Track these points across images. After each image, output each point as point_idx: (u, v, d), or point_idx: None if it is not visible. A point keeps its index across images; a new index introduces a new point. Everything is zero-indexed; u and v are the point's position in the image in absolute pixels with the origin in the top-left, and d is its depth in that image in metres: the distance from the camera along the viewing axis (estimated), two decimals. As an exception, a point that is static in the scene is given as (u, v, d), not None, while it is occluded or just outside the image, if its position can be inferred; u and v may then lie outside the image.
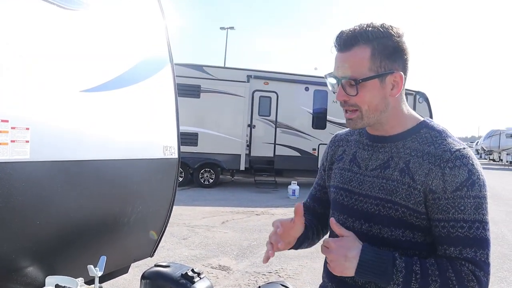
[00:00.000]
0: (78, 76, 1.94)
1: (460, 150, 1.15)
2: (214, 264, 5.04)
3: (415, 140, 1.22)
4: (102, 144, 2.06)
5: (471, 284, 1.08)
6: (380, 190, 1.21)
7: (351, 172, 1.32)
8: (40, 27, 1.78)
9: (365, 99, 1.18)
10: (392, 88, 1.19)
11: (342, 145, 1.43)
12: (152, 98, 2.49)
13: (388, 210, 1.19)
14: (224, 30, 29.70)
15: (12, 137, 1.60)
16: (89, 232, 2.06)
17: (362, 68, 1.16)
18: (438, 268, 1.09)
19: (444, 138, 1.20)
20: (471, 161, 1.14)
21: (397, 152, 1.23)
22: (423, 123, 1.26)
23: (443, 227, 1.13)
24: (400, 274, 1.08)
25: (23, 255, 1.76)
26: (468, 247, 1.10)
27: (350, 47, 1.17)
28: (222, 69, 14.30)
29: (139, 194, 2.37)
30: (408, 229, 1.18)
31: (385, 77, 1.18)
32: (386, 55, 1.17)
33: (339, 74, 1.19)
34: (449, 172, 1.12)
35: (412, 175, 1.17)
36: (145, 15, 2.53)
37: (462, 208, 1.11)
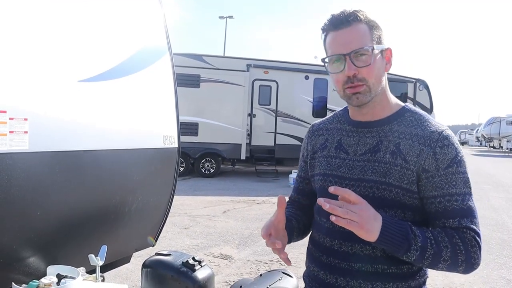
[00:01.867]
0: (76, 66, 1.93)
1: (444, 130, 1.24)
2: (215, 253, 5.07)
3: (401, 123, 1.28)
4: (102, 134, 2.06)
5: (474, 249, 1.17)
6: (373, 173, 1.25)
7: (338, 159, 1.34)
8: (37, 16, 1.76)
9: (374, 70, 1.22)
10: (386, 63, 1.28)
11: (323, 134, 1.45)
12: (151, 88, 2.48)
13: (382, 191, 1.23)
14: (223, 19, 29.52)
15: (10, 128, 1.60)
16: (89, 222, 2.07)
17: (367, 40, 1.21)
18: (446, 235, 1.16)
19: (427, 120, 1.28)
20: (455, 140, 1.24)
21: (386, 136, 1.27)
22: (406, 108, 1.33)
23: (440, 202, 1.20)
24: (419, 239, 1.13)
25: (24, 245, 1.77)
26: (464, 217, 1.19)
27: (350, 22, 1.22)
28: (221, 59, 14.24)
29: (139, 183, 2.37)
30: (400, 209, 1.23)
31: (384, 51, 1.26)
32: (378, 32, 1.25)
33: (346, 49, 1.21)
34: (440, 151, 1.20)
35: (404, 156, 1.22)
36: (143, 4, 2.50)
37: (454, 183, 1.20)
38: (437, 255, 1.14)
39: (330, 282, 1.30)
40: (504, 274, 4.69)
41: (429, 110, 14.78)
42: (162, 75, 2.58)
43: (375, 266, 1.24)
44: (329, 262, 1.30)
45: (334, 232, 1.29)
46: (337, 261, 1.28)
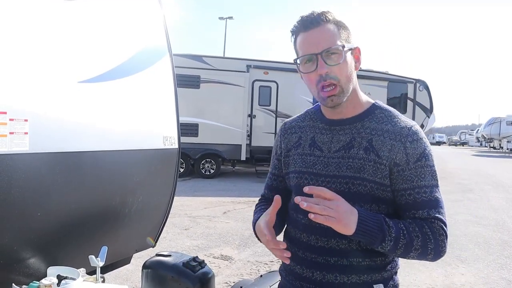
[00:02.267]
0: (76, 67, 1.93)
1: (413, 126, 1.30)
2: (216, 254, 5.07)
3: (372, 120, 1.33)
4: (102, 135, 2.06)
5: (442, 238, 1.24)
6: (348, 169, 1.29)
7: (313, 156, 1.37)
8: (38, 17, 1.76)
9: (345, 68, 1.26)
10: (355, 62, 1.32)
11: (296, 132, 1.48)
12: (151, 88, 2.48)
13: (357, 186, 1.27)
14: (223, 20, 29.53)
15: (10, 129, 1.60)
16: (90, 223, 2.07)
17: (336, 39, 1.25)
18: (417, 225, 1.23)
19: (396, 116, 1.33)
20: (423, 136, 1.30)
21: (358, 133, 1.32)
22: (376, 105, 1.38)
23: (410, 194, 1.26)
24: (392, 230, 1.18)
25: (25, 246, 1.77)
26: (433, 208, 1.25)
27: (319, 23, 1.27)
28: (221, 59, 14.25)
29: (139, 184, 2.37)
30: (375, 203, 1.29)
31: (353, 50, 1.30)
32: (345, 32, 1.29)
33: (317, 49, 1.24)
34: (410, 145, 1.26)
35: (376, 152, 1.27)
36: (143, 5, 2.50)
37: (423, 176, 1.26)
38: (409, 245, 1.19)
39: (307, 276, 1.33)
40: (505, 274, 4.69)
41: (429, 111, 14.79)
42: (162, 76, 2.58)
43: (350, 259, 1.28)
44: (305, 257, 1.33)
45: (310, 227, 1.32)
46: (314, 255, 1.31)
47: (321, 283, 1.30)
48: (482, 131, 41.98)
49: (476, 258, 5.25)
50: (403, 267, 4.78)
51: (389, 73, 14.96)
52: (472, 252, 5.48)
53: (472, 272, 4.72)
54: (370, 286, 1.29)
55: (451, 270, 4.77)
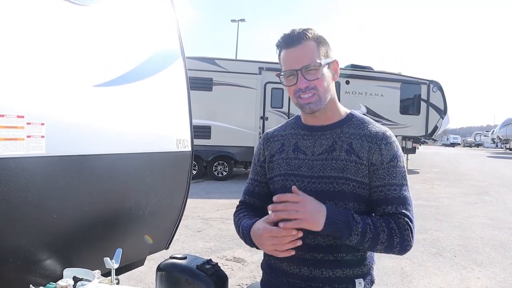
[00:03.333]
0: (91, 71, 1.96)
1: (387, 131, 1.47)
2: (228, 256, 5.08)
3: (350, 126, 1.48)
4: (116, 138, 2.08)
5: (407, 233, 1.35)
6: (332, 170, 1.41)
7: (298, 160, 1.49)
8: (53, 23, 1.79)
9: (323, 81, 1.41)
10: (334, 74, 1.47)
11: (278, 139, 1.60)
12: (165, 92, 2.50)
13: (341, 185, 1.40)
14: (235, 23, 29.63)
15: (28, 133, 1.62)
16: (104, 225, 2.09)
17: (315, 56, 1.40)
18: (384, 221, 1.35)
19: (370, 122, 1.50)
20: (395, 140, 1.46)
21: (339, 137, 1.46)
22: (352, 113, 1.53)
23: (381, 191, 1.39)
24: (359, 225, 1.30)
25: (41, 248, 1.79)
26: (401, 205, 1.38)
27: (298, 41, 1.40)
28: (233, 62, 14.30)
29: (153, 187, 2.39)
30: (356, 201, 1.42)
31: (331, 64, 1.45)
32: (325, 47, 1.43)
33: (297, 65, 1.40)
34: (384, 147, 1.41)
35: (357, 153, 1.41)
36: (156, 9, 2.53)
37: (394, 175, 1.40)
38: (375, 238, 1.31)
39: (294, 272, 1.43)
40: (522, 278, 4.61)
41: (443, 112, 14.64)
42: (175, 79, 2.60)
43: (335, 254, 1.40)
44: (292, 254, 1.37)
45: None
46: (301, 252, 1.38)
47: (308, 278, 1.40)
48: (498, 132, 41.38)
49: (492, 261, 5.18)
50: (418, 270, 4.73)
51: (402, 74, 14.85)
52: (488, 256, 5.40)
53: (488, 276, 4.65)
54: (352, 280, 1.41)
55: (467, 273, 4.71)
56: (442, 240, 6.07)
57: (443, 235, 6.36)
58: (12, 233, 1.66)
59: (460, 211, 8.37)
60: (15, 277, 1.70)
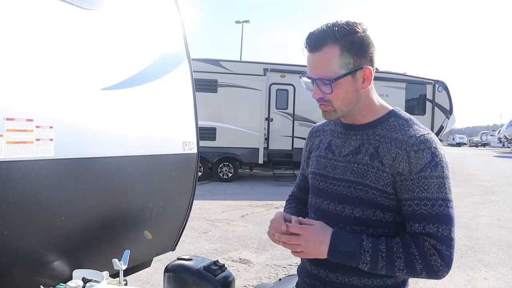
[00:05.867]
0: (98, 75, 1.98)
1: (424, 135, 1.26)
2: (234, 258, 5.09)
3: (384, 128, 1.33)
4: (123, 141, 2.10)
5: (433, 258, 1.18)
6: (352, 174, 1.32)
7: (326, 159, 1.43)
8: (61, 27, 1.81)
9: (339, 96, 1.28)
10: (363, 81, 1.29)
11: (319, 135, 1.54)
12: (171, 94, 2.52)
13: (359, 191, 1.29)
14: (240, 24, 29.68)
15: (36, 136, 1.65)
16: (112, 227, 2.11)
17: (333, 66, 1.25)
18: (402, 245, 1.20)
19: (410, 125, 1.31)
20: (434, 145, 1.25)
21: (368, 139, 1.34)
22: (392, 112, 1.37)
23: (409, 205, 1.23)
24: (367, 254, 1.20)
25: (51, 249, 1.82)
26: (431, 223, 1.20)
27: (319, 47, 1.26)
28: (238, 63, 14.31)
29: (160, 189, 2.41)
30: (379, 209, 1.29)
31: (356, 73, 1.27)
32: (354, 52, 1.25)
33: (312, 75, 1.29)
34: (414, 155, 1.22)
35: (381, 159, 1.27)
36: (162, 12, 2.55)
37: (426, 188, 1.21)
38: (390, 266, 1.19)
39: (314, 273, 1.39)
40: (529, 278, 4.59)
41: (449, 112, 14.57)
42: (181, 82, 2.62)
43: None
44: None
45: None
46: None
47: (325, 281, 1.36)
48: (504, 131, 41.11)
49: (500, 262, 5.15)
50: (424, 271, 4.71)
51: (407, 74, 14.81)
52: (495, 256, 5.37)
53: (496, 277, 4.63)
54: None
55: (474, 274, 4.69)
56: (448, 241, 6.04)
57: (449, 236, 6.33)
58: (22, 235, 1.69)
59: (466, 211, 8.33)
60: (26, 279, 1.73)
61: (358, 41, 1.25)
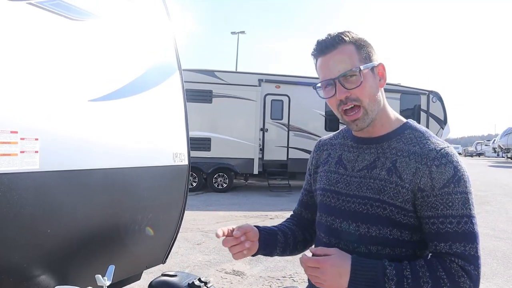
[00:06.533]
0: (86, 86, 1.96)
1: (444, 148, 1.20)
2: (228, 269, 5.03)
3: (400, 140, 1.27)
4: (111, 153, 2.07)
5: (462, 280, 1.10)
6: (368, 190, 1.24)
7: (337, 174, 1.35)
8: (48, 38, 1.79)
9: (366, 89, 1.23)
10: (380, 79, 1.27)
11: (327, 149, 1.46)
12: (161, 106, 2.50)
13: (376, 209, 1.22)
14: (235, 35, 29.81)
15: (21, 148, 1.62)
16: (99, 241, 2.07)
17: (354, 60, 1.23)
18: (428, 269, 1.12)
19: (427, 138, 1.25)
20: (455, 159, 1.19)
21: (383, 153, 1.27)
22: (407, 124, 1.31)
23: (433, 223, 1.16)
24: (392, 282, 1.11)
25: (34, 264, 1.77)
26: (457, 242, 1.13)
27: (336, 45, 1.23)
28: (233, 74, 14.34)
29: (149, 202, 2.38)
30: (396, 228, 1.21)
31: (375, 68, 1.25)
32: (366, 49, 1.25)
33: (333, 74, 1.22)
34: (436, 169, 1.16)
35: (399, 174, 1.20)
36: (153, 24, 2.54)
37: (450, 204, 1.15)
38: None
39: None
40: (524, 290, 4.56)
41: (443, 122, 14.64)
42: (171, 93, 2.60)
43: None
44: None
45: (330, 246, 1.29)
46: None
47: None
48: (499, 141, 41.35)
49: (495, 273, 5.13)
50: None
51: (401, 85, 14.89)
52: (490, 267, 5.35)
53: (491, 288, 4.61)
54: None
55: (469, 285, 4.66)
56: (443, 252, 6.02)
57: (444, 247, 6.31)
58: (4, 250, 1.65)
59: (461, 222, 8.29)
60: (7, 295, 1.68)
61: (365, 42, 1.26)
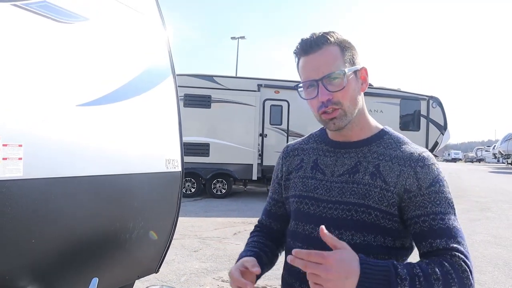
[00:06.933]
0: (74, 90, 1.90)
1: (424, 152, 1.22)
2: (225, 277, 4.95)
3: (380, 145, 1.25)
4: (100, 159, 2.01)
5: (466, 274, 1.07)
6: (352, 195, 1.20)
7: (315, 180, 1.29)
8: (34, 41, 1.74)
9: (348, 92, 1.19)
10: (362, 83, 1.25)
11: (298, 154, 1.40)
12: (153, 110, 2.44)
13: (361, 214, 1.18)
14: (235, 40, 29.83)
15: (4, 155, 1.56)
16: (88, 251, 2.00)
17: (339, 62, 1.19)
18: (436, 265, 1.06)
19: (406, 143, 1.26)
20: (435, 161, 1.21)
21: (364, 157, 1.24)
22: (385, 130, 1.31)
23: (424, 221, 1.14)
24: (406, 282, 1.02)
25: (19, 275, 1.71)
26: (452, 238, 1.12)
27: (321, 45, 1.19)
28: (232, 79, 14.31)
29: (140, 209, 2.31)
30: (380, 234, 1.18)
31: (358, 72, 1.23)
32: (351, 52, 1.22)
33: (317, 75, 1.18)
34: (421, 170, 1.17)
35: (383, 178, 1.18)
36: (145, 27, 2.49)
37: (438, 203, 1.14)
38: None
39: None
40: (526, 299, 4.48)
41: (443, 127, 14.59)
42: (164, 98, 2.55)
43: None
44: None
45: None
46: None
47: None
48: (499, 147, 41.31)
49: (496, 281, 5.05)
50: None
51: (401, 90, 14.85)
52: (491, 275, 5.26)
53: (492, 297, 4.52)
54: None
55: (470, 294, 4.58)
56: (444, 259, 5.94)
57: (445, 254, 6.23)
58: (-14, 261, 1.58)
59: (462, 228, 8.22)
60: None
61: (349, 44, 1.23)
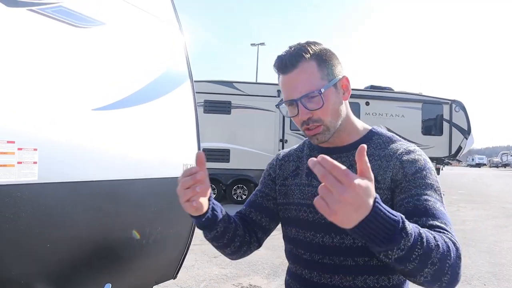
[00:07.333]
0: (91, 95, 1.90)
1: (411, 146, 1.24)
2: (244, 284, 4.90)
3: (370, 146, 1.25)
4: (117, 164, 2.00)
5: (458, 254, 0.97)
6: None
7: (311, 187, 1.28)
8: (50, 45, 1.74)
9: (328, 109, 1.20)
10: (344, 92, 1.25)
11: (294, 160, 1.40)
12: (170, 115, 2.43)
13: None
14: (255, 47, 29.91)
15: (19, 159, 1.55)
16: (104, 256, 1.99)
17: (316, 79, 1.18)
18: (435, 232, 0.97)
19: (394, 141, 1.27)
20: (422, 154, 1.22)
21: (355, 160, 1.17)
22: (373, 131, 1.32)
23: (408, 202, 1.11)
24: (410, 237, 0.89)
25: (33, 279, 1.70)
26: (439, 219, 1.05)
27: (296, 63, 1.18)
28: (252, 85, 14.30)
29: (158, 214, 2.29)
30: None
31: (338, 82, 1.22)
32: (329, 63, 1.21)
33: (296, 94, 1.19)
34: (406, 159, 1.18)
35: (375, 177, 1.15)
36: (162, 32, 2.48)
37: (424, 187, 1.12)
38: (424, 257, 0.91)
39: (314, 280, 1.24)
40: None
41: (467, 132, 14.25)
42: (182, 102, 2.53)
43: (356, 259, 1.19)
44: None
45: (313, 263, 1.23)
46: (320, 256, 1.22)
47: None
48: (526, 152, 40.14)
49: (526, 291, 4.86)
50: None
51: (423, 94, 14.60)
52: (521, 285, 5.07)
53: (522, 307, 4.35)
54: None
55: (498, 303, 4.42)
56: (470, 267, 5.75)
57: (470, 262, 6.04)
58: (1, 264, 1.58)
59: (488, 235, 7.98)
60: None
61: (327, 54, 1.22)
